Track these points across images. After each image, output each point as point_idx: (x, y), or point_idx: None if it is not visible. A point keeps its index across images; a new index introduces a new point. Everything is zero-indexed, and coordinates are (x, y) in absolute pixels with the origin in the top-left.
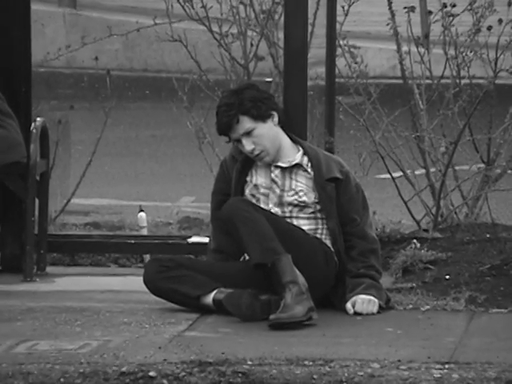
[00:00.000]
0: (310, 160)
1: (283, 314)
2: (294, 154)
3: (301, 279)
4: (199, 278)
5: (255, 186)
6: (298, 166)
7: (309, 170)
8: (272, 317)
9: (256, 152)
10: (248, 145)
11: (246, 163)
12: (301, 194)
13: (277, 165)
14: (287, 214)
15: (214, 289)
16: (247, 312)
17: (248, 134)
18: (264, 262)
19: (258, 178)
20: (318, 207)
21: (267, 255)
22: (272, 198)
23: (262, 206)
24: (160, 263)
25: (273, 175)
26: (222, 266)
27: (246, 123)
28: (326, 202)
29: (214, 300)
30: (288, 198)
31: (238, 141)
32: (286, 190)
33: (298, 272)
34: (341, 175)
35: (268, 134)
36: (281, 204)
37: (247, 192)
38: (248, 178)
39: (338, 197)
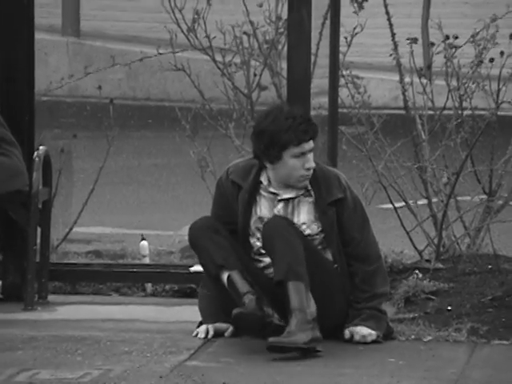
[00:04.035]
0: (309, 182)
1: (284, 339)
2: None
3: (310, 309)
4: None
5: (260, 218)
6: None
7: (311, 193)
8: (271, 339)
9: (311, 171)
10: (311, 161)
11: (251, 193)
12: (304, 227)
13: (281, 199)
14: None
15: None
16: (252, 335)
17: (311, 151)
18: (282, 280)
19: (263, 209)
20: (323, 235)
21: (288, 276)
22: None
23: None
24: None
25: (275, 210)
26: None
27: (312, 143)
28: (328, 228)
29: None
30: None
31: (303, 154)
32: None
33: (310, 302)
34: (340, 193)
35: None
36: None
37: (251, 224)
38: (253, 209)
39: (339, 216)
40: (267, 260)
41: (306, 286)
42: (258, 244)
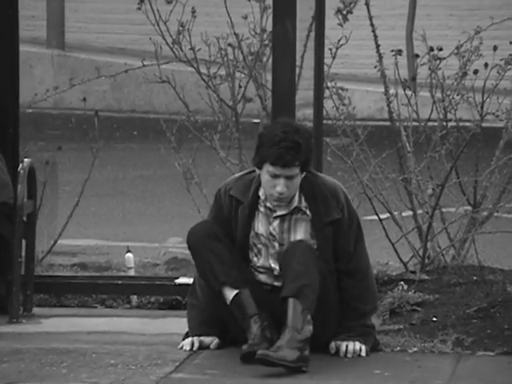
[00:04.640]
0: (306, 200)
1: (272, 353)
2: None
3: (304, 331)
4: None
5: (256, 234)
6: (297, 209)
7: (307, 212)
8: (260, 352)
9: (283, 196)
10: (282, 187)
11: (252, 207)
12: None
13: (276, 215)
14: None
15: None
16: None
17: (289, 178)
18: (287, 297)
19: (259, 226)
20: (318, 252)
21: (294, 294)
22: (272, 253)
23: (263, 259)
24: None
25: (271, 228)
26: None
27: (295, 170)
28: (323, 245)
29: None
30: None
31: (275, 176)
32: (286, 243)
33: (306, 325)
34: (338, 214)
35: (298, 183)
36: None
37: (250, 238)
38: (252, 223)
39: (334, 234)
40: (262, 277)
41: (307, 309)
42: (255, 260)
